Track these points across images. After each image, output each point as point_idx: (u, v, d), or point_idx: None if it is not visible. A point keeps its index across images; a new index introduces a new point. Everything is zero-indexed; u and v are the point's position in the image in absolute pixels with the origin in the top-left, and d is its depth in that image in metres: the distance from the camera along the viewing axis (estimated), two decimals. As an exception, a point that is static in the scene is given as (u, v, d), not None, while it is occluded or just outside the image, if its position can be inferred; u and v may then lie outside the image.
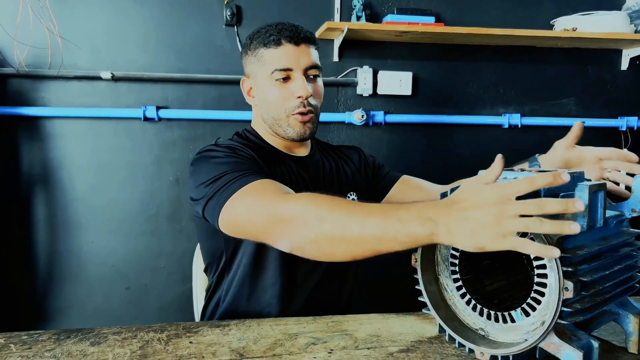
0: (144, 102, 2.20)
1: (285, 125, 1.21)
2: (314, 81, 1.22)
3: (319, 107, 1.25)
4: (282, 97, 1.19)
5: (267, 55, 1.19)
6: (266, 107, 1.22)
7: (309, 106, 1.20)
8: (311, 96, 1.20)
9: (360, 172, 1.40)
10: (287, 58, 1.17)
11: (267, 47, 1.19)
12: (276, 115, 1.21)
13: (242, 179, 1.00)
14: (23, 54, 2.06)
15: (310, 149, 1.33)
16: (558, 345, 0.72)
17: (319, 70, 1.23)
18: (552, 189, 0.77)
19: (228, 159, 1.08)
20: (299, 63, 1.18)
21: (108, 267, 2.25)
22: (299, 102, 1.18)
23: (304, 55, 1.19)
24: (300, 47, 1.18)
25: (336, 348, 0.86)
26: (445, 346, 0.87)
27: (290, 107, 1.19)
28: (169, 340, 0.90)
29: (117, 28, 2.17)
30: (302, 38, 1.19)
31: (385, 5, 2.34)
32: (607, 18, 2.31)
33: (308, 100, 1.19)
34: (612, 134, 2.57)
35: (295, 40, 1.18)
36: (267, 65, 1.19)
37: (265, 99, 1.22)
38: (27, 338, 0.90)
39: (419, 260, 0.88)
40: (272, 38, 1.18)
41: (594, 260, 0.76)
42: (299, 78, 1.18)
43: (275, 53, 1.18)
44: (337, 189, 1.31)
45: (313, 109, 1.21)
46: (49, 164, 2.17)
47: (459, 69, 2.45)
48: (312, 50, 1.21)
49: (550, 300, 0.73)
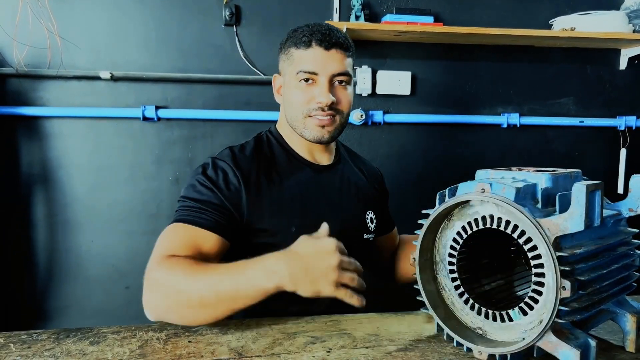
0: (144, 102, 2.20)
1: (301, 127, 1.20)
2: (341, 88, 1.19)
3: (345, 113, 1.22)
4: (304, 100, 1.17)
5: (296, 55, 1.18)
6: (288, 106, 1.22)
7: (331, 110, 1.17)
8: (335, 103, 1.18)
9: (377, 194, 1.41)
10: (314, 61, 1.16)
11: (298, 47, 1.18)
12: (294, 116, 1.20)
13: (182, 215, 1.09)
14: (22, 54, 2.06)
15: (335, 156, 1.32)
16: (555, 344, 0.72)
17: (349, 78, 1.20)
18: (549, 189, 0.78)
19: (200, 189, 1.13)
20: (325, 68, 1.16)
21: (108, 266, 2.25)
22: (317, 107, 1.17)
23: (333, 60, 1.16)
24: (330, 52, 1.16)
25: (335, 347, 0.87)
26: (444, 345, 0.88)
27: (308, 109, 1.18)
28: (168, 339, 0.90)
29: (116, 28, 2.17)
30: (334, 43, 1.16)
31: (384, 5, 2.34)
32: (605, 18, 2.31)
33: (331, 107, 1.17)
34: (610, 134, 2.57)
35: (326, 44, 1.16)
36: (295, 65, 1.18)
37: (288, 98, 1.21)
38: (26, 337, 0.90)
39: (417, 259, 0.88)
40: (304, 39, 1.16)
41: (592, 259, 0.76)
42: (323, 84, 1.16)
43: (303, 54, 1.17)
44: (356, 203, 1.30)
45: (336, 114, 1.19)
46: (48, 164, 2.17)
47: (457, 68, 2.45)
48: (345, 57, 1.18)
49: (547, 299, 0.73)
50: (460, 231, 0.84)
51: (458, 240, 0.85)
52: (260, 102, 2.26)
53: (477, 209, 0.83)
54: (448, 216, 0.87)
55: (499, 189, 0.76)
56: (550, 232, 0.71)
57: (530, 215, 0.72)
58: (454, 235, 0.86)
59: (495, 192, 0.77)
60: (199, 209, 1.10)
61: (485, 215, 0.81)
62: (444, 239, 0.89)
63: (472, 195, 0.79)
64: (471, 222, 0.83)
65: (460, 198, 0.81)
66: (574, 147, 2.57)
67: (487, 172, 0.87)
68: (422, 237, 0.87)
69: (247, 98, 2.27)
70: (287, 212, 1.16)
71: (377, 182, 1.44)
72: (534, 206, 0.76)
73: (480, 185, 0.79)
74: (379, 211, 1.37)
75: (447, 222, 0.88)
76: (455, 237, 0.85)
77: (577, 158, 2.57)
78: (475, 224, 0.82)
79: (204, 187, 1.13)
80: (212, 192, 1.13)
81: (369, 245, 1.32)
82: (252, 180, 1.16)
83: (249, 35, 2.25)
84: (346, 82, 1.20)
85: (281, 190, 1.18)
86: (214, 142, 2.26)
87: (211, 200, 1.11)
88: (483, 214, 0.81)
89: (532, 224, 0.72)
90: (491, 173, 0.86)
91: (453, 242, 0.86)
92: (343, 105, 1.20)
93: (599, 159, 2.60)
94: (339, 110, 1.19)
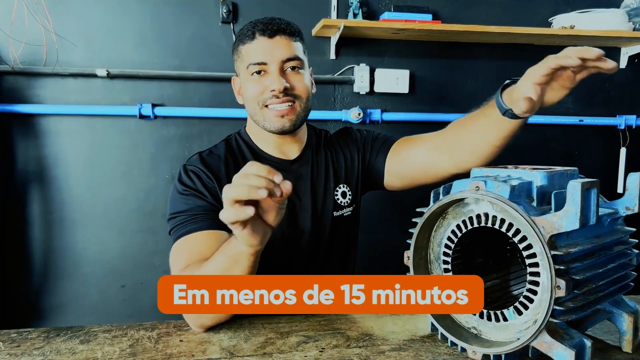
0: (140, 99, 2.19)
1: (262, 120, 1.19)
2: (294, 74, 1.18)
3: (304, 99, 1.19)
4: (258, 92, 1.17)
5: (244, 51, 1.18)
6: (247, 103, 1.21)
7: (288, 96, 1.16)
8: (290, 89, 1.16)
9: (353, 161, 1.33)
10: (261, 52, 1.15)
11: (244, 42, 1.17)
12: (253, 110, 1.20)
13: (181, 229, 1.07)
14: (18, 51, 2.05)
15: (304, 148, 1.29)
16: (550, 344, 0.71)
17: (301, 62, 1.18)
18: (544, 187, 0.77)
19: (183, 199, 1.12)
20: (273, 56, 1.15)
21: (104, 264, 2.24)
22: (271, 95, 1.15)
23: (280, 47, 1.15)
24: (274, 39, 1.15)
25: (328, 347, 0.86)
26: (438, 345, 0.87)
27: (263, 100, 1.17)
28: (159, 338, 0.89)
29: (112, 25, 2.16)
30: (277, 30, 1.16)
31: (382, 2, 2.33)
32: (605, 16, 2.31)
33: (287, 93, 1.15)
34: (610, 133, 2.56)
35: (269, 32, 1.15)
36: (244, 60, 1.18)
37: (245, 94, 1.21)
38: (16, 336, 0.89)
39: (412, 258, 0.87)
40: (248, 33, 1.17)
41: (587, 259, 0.75)
42: (273, 71, 1.15)
43: (249, 47, 1.17)
44: (326, 184, 1.28)
45: (294, 100, 1.17)
46: (44, 162, 2.16)
47: (456, 66, 2.44)
48: (291, 42, 1.17)
49: (542, 298, 0.72)
50: (455, 229, 0.83)
51: (452, 239, 0.84)
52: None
53: (471, 207, 0.82)
54: (442, 214, 0.86)
55: (493, 187, 0.75)
56: (545, 230, 0.70)
57: (525, 214, 0.71)
58: (449, 234, 0.85)
59: (489, 190, 0.76)
60: (193, 217, 1.09)
61: (480, 213, 0.80)
62: (438, 237, 0.87)
63: (466, 193, 0.78)
64: (466, 220, 0.81)
65: (454, 196, 0.80)
66: (574, 146, 2.56)
67: (482, 170, 0.86)
68: (417, 235, 0.86)
69: (244, 96, 2.26)
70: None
71: (357, 144, 1.35)
72: (529, 204, 0.75)
73: (474, 183, 0.77)
74: (354, 180, 1.31)
75: (442, 220, 0.87)
76: (450, 236, 0.84)
77: (577, 157, 2.56)
78: (470, 222, 0.81)
79: (186, 196, 1.13)
80: (195, 197, 1.12)
81: (342, 222, 1.28)
82: (223, 182, 1.16)
83: (246, 32, 2.24)
84: (299, 67, 1.18)
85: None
86: (210, 139, 2.25)
87: (198, 204, 1.11)
88: (478, 212, 0.80)
89: (526, 222, 0.71)
90: (486, 171, 0.85)
91: (447, 241, 0.85)
92: (299, 90, 1.18)
93: (598, 158, 2.59)
94: (296, 95, 1.18)
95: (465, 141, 1.12)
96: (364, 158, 1.34)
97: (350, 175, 1.32)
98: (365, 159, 1.34)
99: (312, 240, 1.23)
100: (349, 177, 1.32)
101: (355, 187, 1.32)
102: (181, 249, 1.06)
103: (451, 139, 1.16)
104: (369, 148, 1.34)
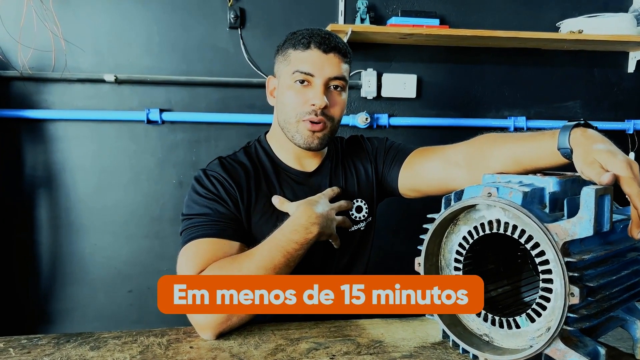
0: (147, 105, 2.20)
1: (293, 131, 1.18)
2: (336, 93, 1.18)
3: (337, 120, 1.20)
4: (298, 102, 1.16)
5: (294, 56, 1.18)
6: (281, 108, 1.21)
7: (323, 116, 1.16)
8: (328, 108, 1.16)
9: (367, 175, 1.32)
10: (312, 63, 1.15)
11: (296, 48, 1.17)
12: (287, 119, 1.19)
13: (196, 232, 1.07)
14: (27, 57, 2.06)
15: (323, 159, 1.29)
16: (564, 352, 0.70)
17: (345, 84, 1.19)
18: (556, 193, 0.76)
19: (204, 202, 1.13)
20: (322, 71, 1.15)
21: (111, 269, 2.24)
22: (311, 110, 1.15)
23: (331, 64, 1.16)
24: (328, 55, 1.16)
25: (338, 353, 0.85)
26: (449, 352, 0.86)
27: (301, 113, 1.16)
28: (169, 345, 0.89)
29: (120, 31, 2.17)
30: (332, 47, 1.16)
31: (389, 7, 2.33)
32: (613, 20, 2.29)
33: (323, 111, 1.16)
34: (618, 137, 2.54)
35: (324, 47, 1.15)
36: (291, 65, 1.17)
37: (282, 100, 1.20)
38: (26, 342, 0.90)
39: (422, 264, 0.86)
40: (303, 40, 1.16)
41: (601, 265, 0.74)
42: (318, 86, 1.15)
43: (301, 55, 1.16)
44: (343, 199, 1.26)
45: (327, 121, 1.17)
46: (52, 167, 2.17)
47: (463, 71, 2.43)
48: (342, 62, 1.18)
49: (555, 305, 0.72)
50: (466, 236, 0.83)
51: (464, 245, 0.84)
52: (264, 105, 2.21)
53: (483, 213, 0.81)
54: (454, 220, 0.86)
55: (505, 193, 0.75)
56: (559, 237, 0.69)
57: (538, 220, 0.70)
58: (460, 240, 0.84)
59: (502, 196, 0.75)
60: (215, 222, 1.09)
61: (491, 219, 0.79)
62: (449, 243, 0.87)
63: (478, 199, 0.78)
64: (477, 226, 0.81)
65: (466, 202, 0.80)
66: (581, 150, 2.54)
67: (493, 176, 0.86)
68: (428, 242, 0.86)
69: (251, 101, 2.26)
70: (274, 223, 1.13)
71: (369, 156, 1.34)
72: (541, 211, 0.75)
73: (486, 189, 0.77)
74: (370, 195, 1.31)
75: (453, 226, 0.86)
76: (461, 242, 0.84)
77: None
78: (482, 228, 0.80)
79: (208, 200, 1.13)
80: (217, 202, 1.12)
81: (357, 236, 1.28)
82: (244, 190, 1.16)
83: (253, 38, 2.25)
84: (341, 88, 1.19)
85: (269, 201, 1.18)
86: (218, 145, 2.26)
87: (219, 210, 1.11)
88: (489, 219, 0.80)
89: (539, 229, 0.70)
90: (497, 177, 0.85)
91: (459, 247, 0.85)
92: (335, 111, 1.19)
93: (606, 162, 2.57)
94: (330, 116, 1.18)
95: (492, 160, 1.02)
96: (376, 171, 1.33)
97: (365, 189, 1.31)
98: (378, 171, 1.33)
99: (327, 254, 1.22)
100: (364, 192, 1.31)
101: (370, 201, 1.31)
102: (199, 250, 1.05)
103: (476, 154, 1.09)
104: (382, 160, 1.33)
